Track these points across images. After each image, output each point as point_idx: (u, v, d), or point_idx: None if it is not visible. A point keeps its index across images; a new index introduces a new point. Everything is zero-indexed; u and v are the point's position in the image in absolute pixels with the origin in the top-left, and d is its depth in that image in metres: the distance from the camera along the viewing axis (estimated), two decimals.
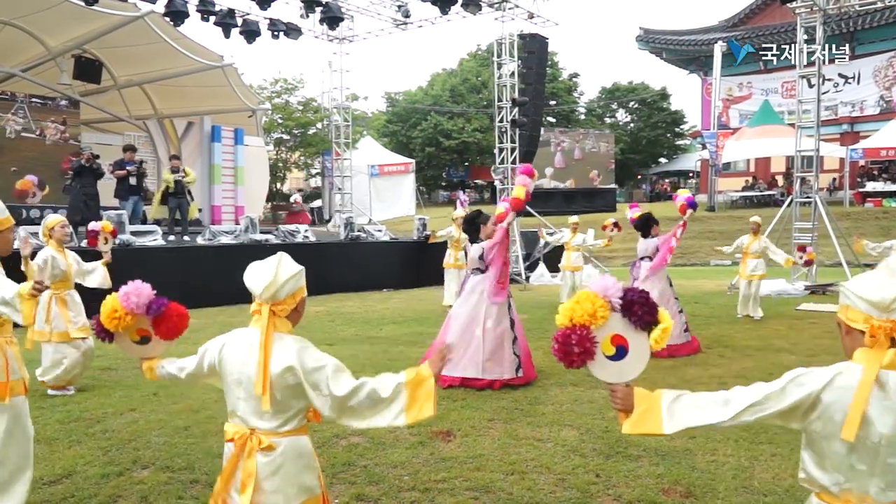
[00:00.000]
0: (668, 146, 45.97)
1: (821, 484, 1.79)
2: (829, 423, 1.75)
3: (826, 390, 1.76)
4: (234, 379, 2.35)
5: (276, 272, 2.32)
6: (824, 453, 1.78)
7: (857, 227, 19.41)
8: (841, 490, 1.76)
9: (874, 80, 29.39)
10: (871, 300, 1.74)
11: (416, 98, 42.31)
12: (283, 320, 2.38)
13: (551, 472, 4.01)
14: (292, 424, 2.35)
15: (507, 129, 16.77)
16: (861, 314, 1.77)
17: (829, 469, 1.77)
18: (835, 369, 1.79)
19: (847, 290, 1.80)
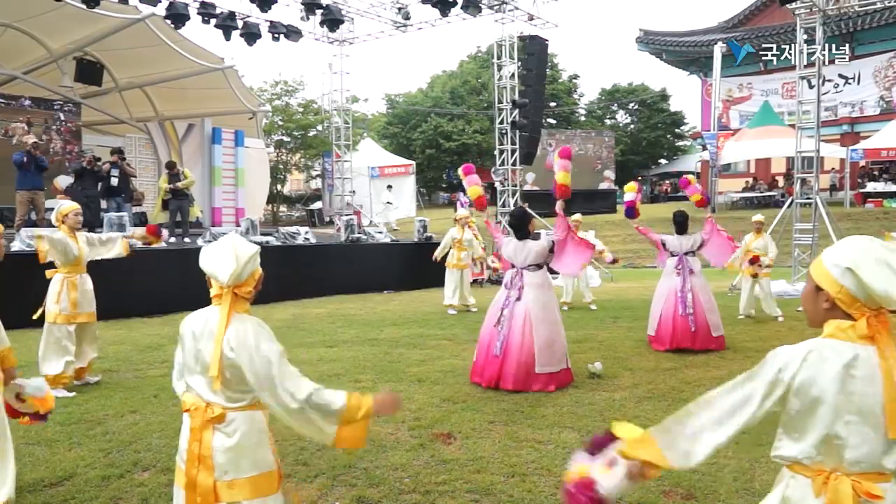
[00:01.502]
0: (668, 147, 45.99)
1: (794, 457, 1.81)
2: (805, 398, 1.76)
3: (802, 367, 1.76)
4: (192, 354, 2.43)
5: (236, 257, 2.38)
6: (800, 428, 1.78)
7: (857, 228, 19.40)
8: (814, 462, 1.78)
9: (874, 80, 29.39)
10: (875, 292, 1.73)
11: (417, 100, 42.33)
12: (242, 301, 2.45)
13: (552, 475, 4.01)
14: (247, 399, 2.40)
15: (507, 130, 16.80)
16: (854, 299, 1.76)
17: (804, 443, 1.78)
18: (807, 346, 1.79)
19: (853, 271, 1.75)
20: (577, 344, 8.12)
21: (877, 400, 1.72)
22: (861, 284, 1.73)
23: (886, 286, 1.71)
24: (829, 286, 1.79)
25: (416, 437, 4.70)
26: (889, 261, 1.73)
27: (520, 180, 17.34)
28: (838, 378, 1.73)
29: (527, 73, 16.46)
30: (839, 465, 1.74)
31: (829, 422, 1.74)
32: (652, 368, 6.84)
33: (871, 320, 1.73)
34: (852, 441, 1.73)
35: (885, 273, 1.72)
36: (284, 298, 12.42)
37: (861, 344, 1.74)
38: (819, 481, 1.75)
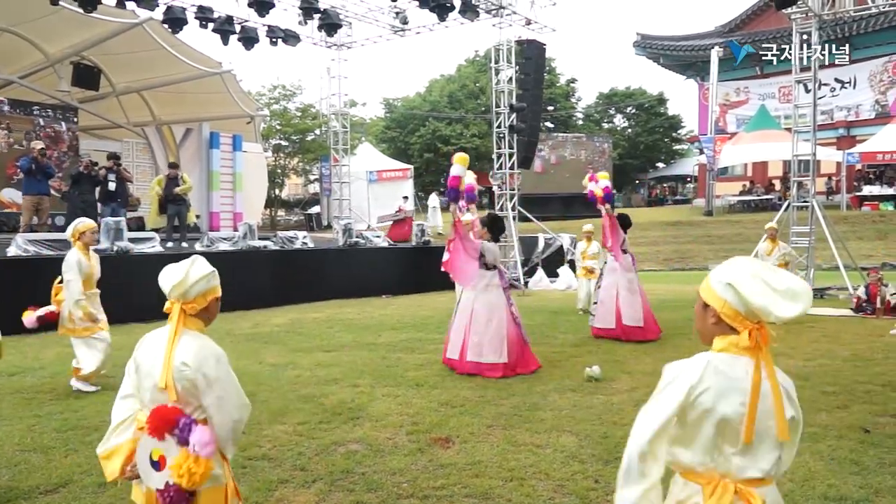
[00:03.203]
0: (665, 151, 46.06)
1: (686, 465, 1.89)
2: (699, 409, 1.85)
3: (701, 381, 1.86)
4: (146, 371, 2.47)
5: (186, 272, 2.45)
6: (693, 438, 1.87)
7: (853, 231, 19.48)
8: (706, 469, 1.87)
9: (870, 84, 29.50)
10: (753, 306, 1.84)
11: (415, 104, 42.37)
12: (194, 318, 2.49)
13: (550, 479, 4.00)
14: (197, 415, 2.42)
15: (504, 134, 16.80)
16: (737, 312, 1.88)
17: (697, 450, 1.87)
18: (702, 362, 1.89)
19: (733, 286, 1.87)
20: (575, 348, 8.13)
21: (763, 409, 1.83)
22: (741, 298, 1.85)
23: (763, 300, 1.82)
24: (714, 302, 1.92)
25: (415, 441, 4.69)
26: (766, 277, 1.85)
27: (517, 184, 17.34)
28: (728, 389, 1.84)
29: (524, 77, 16.47)
30: (728, 472, 1.85)
31: (722, 430, 1.84)
32: (650, 371, 6.83)
33: (752, 333, 1.85)
34: (740, 449, 1.84)
35: (761, 288, 1.84)
36: (283, 303, 12.41)
37: (746, 356, 1.86)
38: (708, 489, 1.85)
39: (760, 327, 1.86)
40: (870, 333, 9.09)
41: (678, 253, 23.88)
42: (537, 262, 16.94)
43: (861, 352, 7.77)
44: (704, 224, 26.87)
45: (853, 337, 8.82)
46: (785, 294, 1.82)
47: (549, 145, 32.58)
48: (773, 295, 1.83)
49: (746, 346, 1.86)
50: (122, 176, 13.17)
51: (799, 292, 1.82)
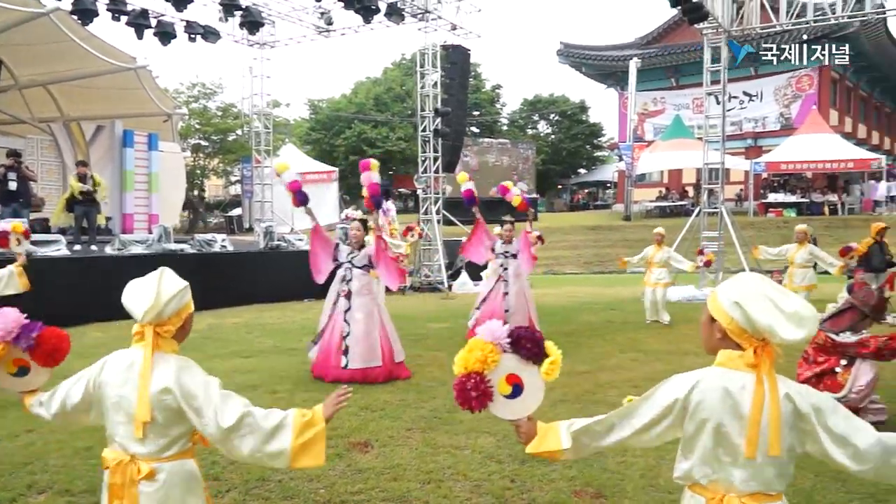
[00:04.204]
0: (587, 157, 47.34)
1: (693, 477, 1.93)
2: (696, 422, 1.89)
3: (693, 392, 1.90)
4: (114, 402, 2.24)
5: (157, 292, 2.22)
6: (694, 449, 1.91)
7: (759, 236, 20.49)
8: (709, 481, 1.90)
9: (775, 98, 31.21)
10: (759, 326, 1.86)
11: (340, 106, 42.01)
12: (170, 340, 2.29)
13: (468, 480, 4.04)
14: (175, 448, 2.25)
15: (430, 138, 16.87)
16: (743, 330, 1.90)
17: (699, 463, 1.91)
18: (698, 375, 1.94)
19: (741, 305, 1.89)
20: None
21: (763, 425, 1.85)
22: (748, 317, 1.87)
23: (770, 320, 1.85)
24: (721, 318, 1.93)
25: (333, 446, 4.64)
26: (773, 297, 1.87)
27: (442, 188, 17.44)
28: (727, 403, 1.87)
29: (449, 81, 16.60)
30: (731, 486, 1.87)
31: (720, 443, 1.87)
32: (566, 372, 6.95)
33: (757, 350, 1.88)
34: (739, 461, 1.86)
35: (769, 308, 1.86)
36: (200, 308, 11.83)
37: (749, 372, 1.88)
38: (714, 502, 1.89)
39: (765, 345, 1.88)
40: None
41: (598, 256, 24.56)
42: (461, 266, 17.06)
43: None
44: (623, 228, 27.74)
45: None
46: (791, 317, 1.84)
47: (474, 150, 32.92)
48: (780, 316, 1.84)
49: (750, 363, 1.88)
50: (25, 175, 12.50)
51: (805, 317, 1.84)
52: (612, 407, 5.83)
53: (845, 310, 5.25)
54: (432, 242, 17.01)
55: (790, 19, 14.47)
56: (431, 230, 16.99)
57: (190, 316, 2.35)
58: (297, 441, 2.18)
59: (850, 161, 26.95)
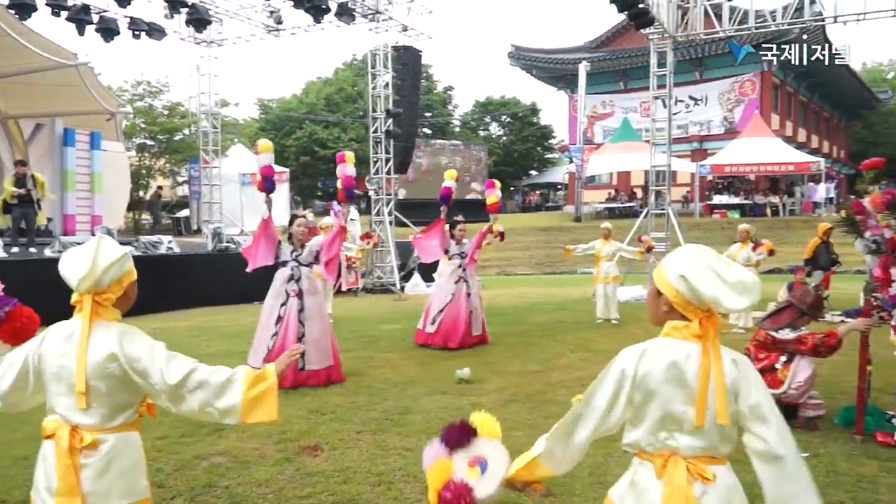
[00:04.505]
0: (538, 159, 47.86)
1: (638, 444, 1.97)
2: (644, 390, 1.93)
3: (640, 363, 1.94)
4: (54, 373, 2.18)
5: (94, 258, 2.16)
6: (642, 417, 1.95)
7: (705, 237, 21.05)
8: (655, 448, 1.94)
9: (719, 102, 32.07)
10: (704, 297, 1.89)
11: (291, 106, 41.52)
12: (110, 309, 2.23)
13: (418, 481, 4.03)
14: (121, 419, 2.20)
15: (381, 139, 16.82)
16: (688, 302, 1.93)
17: (646, 432, 1.95)
18: (644, 345, 1.97)
19: (686, 277, 1.92)
20: (447, 351, 8.24)
21: (710, 393, 1.89)
22: (693, 289, 1.90)
23: (714, 291, 1.88)
24: (667, 290, 1.96)
25: (282, 450, 4.59)
26: (717, 268, 1.91)
27: (394, 189, 17.40)
28: (672, 372, 1.91)
29: (401, 83, 16.58)
30: (676, 450, 1.91)
31: (667, 411, 1.91)
32: (518, 372, 7.07)
33: (703, 321, 1.91)
34: (685, 427, 1.90)
35: (713, 279, 1.90)
36: (145, 312, 11.70)
37: (694, 342, 1.92)
38: (659, 464, 1.92)
39: (710, 316, 1.91)
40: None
41: (549, 257, 24.85)
42: (414, 267, 17.06)
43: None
44: (574, 230, 28.12)
45: None
46: (735, 286, 1.88)
47: (427, 152, 32.96)
48: (723, 287, 1.88)
49: (696, 334, 1.91)
50: None
51: (749, 285, 1.89)
52: (562, 406, 5.90)
53: (784, 307, 5.42)
54: (385, 244, 16.96)
55: (733, 26, 14.90)
56: (384, 232, 16.93)
57: (132, 284, 2.31)
58: (248, 395, 2.17)
59: (790, 164, 27.86)
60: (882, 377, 5.76)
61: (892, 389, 5.14)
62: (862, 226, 4.96)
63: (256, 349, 6.68)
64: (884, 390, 5.62)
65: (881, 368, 5.81)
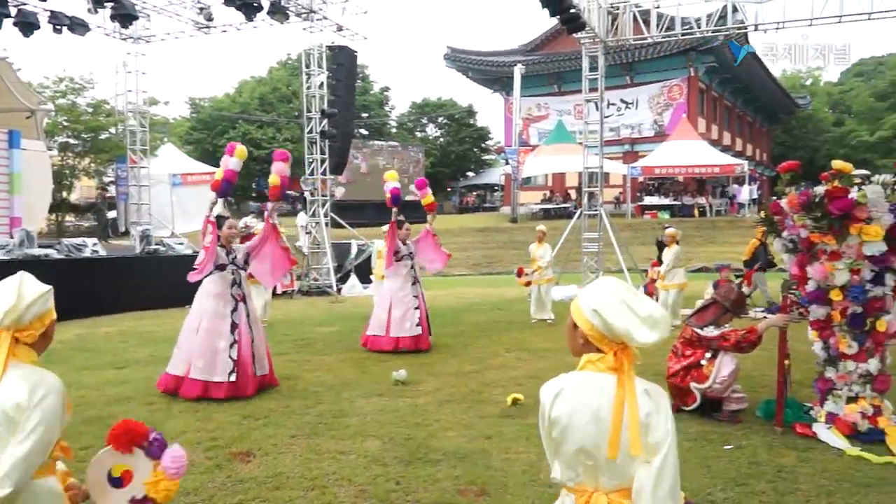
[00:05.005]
0: (475, 161, 48.19)
1: (561, 480, 2.00)
2: (561, 426, 1.95)
3: (556, 401, 1.97)
4: None
5: (18, 293, 2.09)
6: (562, 452, 1.98)
7: (637, 237, 21.61)
8: (576, 483, 1.97)
9: (649, 106, 33.02)
10: (617, 331, 1.94)
11: (224, 105, 40.60)
12: (27, 348, 2.14)
13: (352, 484, 4.00)
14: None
15: (317, 140, 16.62)
16: (602, 335, 1.97)
17: (564, 467, 1.98)
18: (562, 381, 2.01)
19: (599, 312, 1.96)
20: (384, 353, 8.19)
21: (626, 425, 1.92)
22: (606, 323, 1.94)
23: (627, 325, 1.92)
24: (582, 324, 2.00)
25: (212, 458, 4.47)
26: (630, 302, 1.95)
27: (330, 190, 17.21)
28: (587, 409, 1.93)
29: (336, 83, 16.40)
30: (597, 485, 1.94)
31: (582, 446, 1.93)
32: (454, 373, 7.09)
33: (617, 354, 1.96)
34: (602, 462, 1.92)
35: (625, 313, 1.94)
36: (68, 317, 11.24)
37: (610, 374, 1.96)
38: (582, 500, 1.95)
39: (625, 349, 1.95)
40: None
41: (486, 258, 25.04)
42: (350, 269, 16.92)
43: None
44: (510, 230, 28.43)
45: None
46: (646, 321, 1.92)
47: (364, 153, 32.73)
48: (635, 320, 1.91)
49: (611, 366, 1.95)
50: None
51: (658, 320, 1.93)
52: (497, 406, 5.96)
53: (709, 305, 5.62)
54: (321, 245, 16.76)
55: (661, 32, 15.34)
56: (320, 233, 16.73)
57: (52, 323, 2.23)
58: None
59: (716, 166, 28.89)
60: (800, 371, 6.04)
61: (810, 382, 5.37)
62: (780, 226, 5.19)
63: (207, 359, 6.01)
64: (802, 383, 5.88)
65: (799, 362, 6.09)
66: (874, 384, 4.84)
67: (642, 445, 1.89)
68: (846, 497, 3.77)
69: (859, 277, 4.70)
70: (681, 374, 5.40)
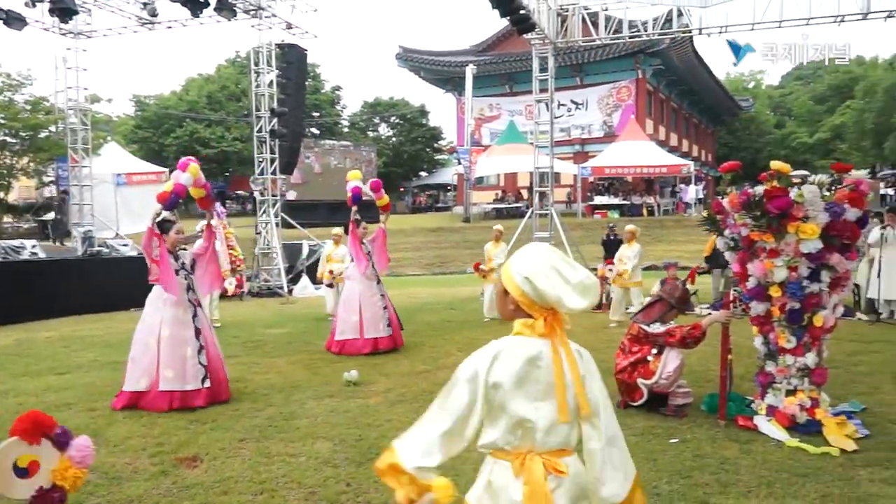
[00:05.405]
0: (428, 160, 48.22)
1: (496, 444, 1.98)
2: (499, 390, 1.94)
3: (494, 364, 1.95)
4: None
5: None
6: (498, 417, 1.96)
7: (587, 236, 21.93)
8: (512, 446, 1.96)
9: (599, 107, 33.56)
10: (547, 298, 1.95)
11: (170, 103, 39.67)
12: None
13: (302, 487, 3.95)
14: None
15: (266, 139, 16.39)
16: (533, 302, 1.97)
17: (504, 431, 1.96)
18: (497, 346, 1.99)
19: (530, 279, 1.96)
20: (335, 354, 8.13)
21: (567, 387, 1.95)
22: (537, 290, 1.96)
23: (557, 292, 1.95)
24: (513, 290, 2.00)
25: (158, 463, 4.36)
26: (560, 269, 1.97)
27: (280, 190, 16.99)
28: (524, 370, 1.95)
29: (286, 81, 16.21)
30: (532, 447, 1.95)
31: (521, 409, 1.94)
32: (406, 373, 7.08)
33: (548, 319, 1.97)
34: (541, 424, 1.94)
35: (556, 279, 1.96)
36: (6, 322, 10.87)
37: (543, 339, 1.98)
38: (517, 463, 1.94)
39: (555, 314, 1.96)
40: (597, 326, 10.28)
41: (439, 258, 25.09)
42: (302, 269, 16.73)
43: (589, 342, 8.71)
44: (463, 230, 28.54)
45: (583, 330, 9.89)
46: (576, 287, 1.94)
47: (316, 152, 32.39)
48: (566, 288, 1.93)
49: (541, 332, 1.96)
50: None
51: (589, 287, 1.96)
52: None
53: (655, 302, 5.74)
54: (271, 246, 16.53)
55: (609, 34, 15.62)
56: (270, 234, 16.50)
57: None
58: None
59: (664, 166, 29.54)
60: (743, 365, 6.21)
61: (751, 377, 5.53)
62: (722, 224, 5.34)
63: (177, 368, 5.74)
64: (744, 377, 6.05)
65: (742, 357, 6.27)
66: (812, 377, 5.01)
67: None
68: (785, 487, 3.89)
69: (797, 274, 4.86)
70: (628, 371, 5.50)
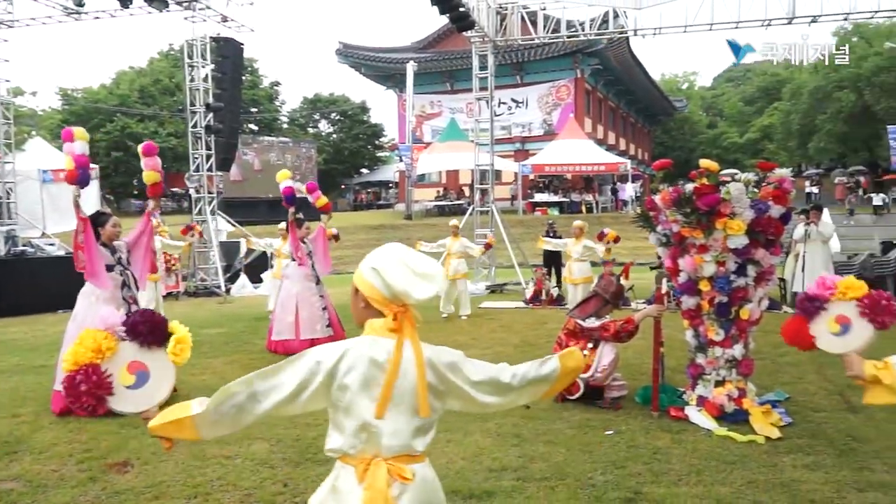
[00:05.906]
0: (369, 158, 47.94)
1: (341, 449, 1.94)
2: (345, 392, 1.90)
3: (341, 362, 1.91)
4: None
5: None
6: (343, 421, 1.93)
7: (528, 233, 22.18)
8: (357, 451, 1.92)
9: (538, 105, 34.01)
10: (395, 289, 1.94)
11: (100, 97, 38.30)
12: None
13: (238, 489, 3.88)
14: None
15: (202, 135, 16.00)
16: (383, 297, 1.95)
17: (347, 434, 1.92)
18: (345, 345, 1.96)
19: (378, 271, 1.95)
20: (273, 354, 8.01)
21: (407, 388, 1.91)
22: (385, 283, 1.93)
23: (405, 284, 1.92)
24: (363, 286, 1.97)
25: (86, 470, 4.21)
26: (409, 262, 1.96)
27: (217, 187, 16.61)
28: (370, 372, 1.89)
29: (222, 76, 15.83)
30: (378, 452, 1.91)
31: (366, 412, 1.89)
32: None
33: (398, 315, 1.93)
34: (386, 428, 1.90)
35: (404, 272, 1.94)
36: None
37: (392, 339, 1.93)
38: (361, 468, 1.90)
39: (405, 310, 1.94)
40: (536, 322, 10.42)
41: None
42: (240, 268, 16.40)
43: (529, 338, 8.86)
44: (405, 227, 28.48)
45: (523, 326, 10.03)
46: (423, 277, 1.93)
47: (255, 149, 31.81)
48: (413, 278, 1.92)
49: (391, 328, 1.93)
50: None
51: (433, 275, 1.94)
52: None
53: (591, 297, 5.85)
54: (208, 244, 16.15)
55: (547, 33, 15.83)
56: (207, 231, 16.11)
57: None
58: None
59: (602, 164, 30.15)
60: (675, 357, 6.39)
61: (683, 368, 5.70)
62: (655, 221, 5.48)
63: None
64: (676, 369, 6.23)
65: (674, 350, 6.46)
66: (739, 368, 5.20)
67: (479, 393, 2.03)
68: (713, 474, 4.03)
69: (725, 269, 5.04)
70: None
